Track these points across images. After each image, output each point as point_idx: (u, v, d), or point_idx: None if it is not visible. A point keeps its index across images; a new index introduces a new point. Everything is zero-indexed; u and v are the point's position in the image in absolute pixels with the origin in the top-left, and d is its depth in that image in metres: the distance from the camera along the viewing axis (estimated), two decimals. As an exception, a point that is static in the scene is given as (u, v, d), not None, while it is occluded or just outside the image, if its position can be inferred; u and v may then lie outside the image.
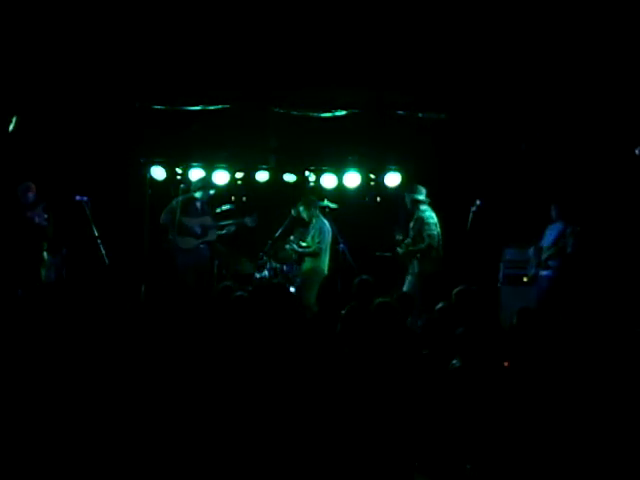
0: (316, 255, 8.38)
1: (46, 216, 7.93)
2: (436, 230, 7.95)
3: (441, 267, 7.89)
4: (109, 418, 3.57)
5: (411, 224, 8.09)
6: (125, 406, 3.66)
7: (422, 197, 8.04)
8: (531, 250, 7.92)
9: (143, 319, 5.21)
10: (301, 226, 8.65)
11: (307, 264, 8.45)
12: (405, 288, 7.90)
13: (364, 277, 7.07)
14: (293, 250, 8.51)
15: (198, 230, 8.45)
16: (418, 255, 7.88)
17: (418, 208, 8.02)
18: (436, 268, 7.86)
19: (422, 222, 7.93)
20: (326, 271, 8.43)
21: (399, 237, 8.12)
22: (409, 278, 8.01)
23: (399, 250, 8.11)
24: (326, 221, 8.51)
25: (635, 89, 7.67)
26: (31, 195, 7.99)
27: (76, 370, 3.92)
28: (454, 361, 4.25)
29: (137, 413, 3.62)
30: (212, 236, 8.49)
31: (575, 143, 8.38)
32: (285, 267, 8.64)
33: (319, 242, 8.36)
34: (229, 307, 5.16)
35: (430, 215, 7.98)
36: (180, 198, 8.49)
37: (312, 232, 8.44)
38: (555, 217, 7.80)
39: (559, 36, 7.36)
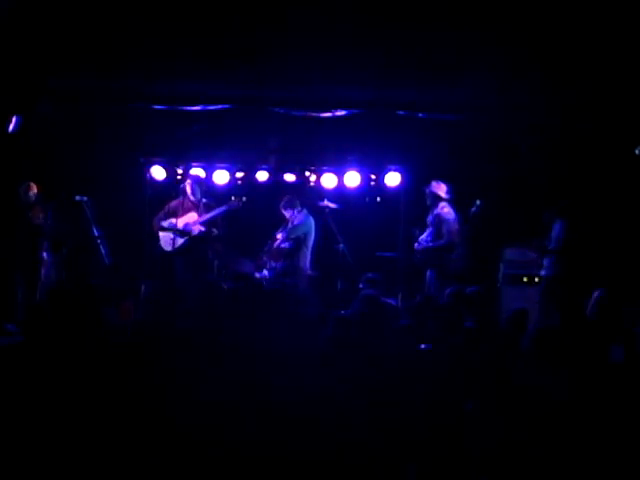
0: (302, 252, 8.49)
1: (42, 215, 7.94)
2: (455, 227, 7.95)
3: (470, 264, 7.90)
4: (108, 418, 3.58)
5: (429, 218, 8.10)
6: (125, 407, 3.67)
7: (443, 193, 8.06)
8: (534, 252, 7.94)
9: (142, 319, 5.22)
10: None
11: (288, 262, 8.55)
12: (428, 286, 7.91)
13: (370, 275, 7.11)
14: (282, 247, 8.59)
15: (180, 227, 8.41)
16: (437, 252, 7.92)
17: (437, 205, 8.04)
18: (458, 265, 7.86)
19: (441, 219, 7.94)
20: (307, 269, 8.51)
21: (417, 233, 8.14)
22: (429, 275, 8.00)
23: (416, 246, 8.12)
24: (304, 218, 8.57)
25: (635, 89, 7.66)
26: (32, 195, 8.00)
27: (75, 370, 3.92)
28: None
29: (137, 413, 3.63)
30: (195, 231, 8.42)
31: (575, 143, 8.37)
32: (278, 265, 8.67)
33: (292, 236, 8.47)
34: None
35: (449, 212, 7.99)
36: (173, 203, 8.50)
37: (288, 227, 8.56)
38: (547, 220, 7.79)
39: (559, 34, 7.35)
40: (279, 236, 8.65)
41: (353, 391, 3.74)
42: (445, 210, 7.99)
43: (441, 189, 8.08)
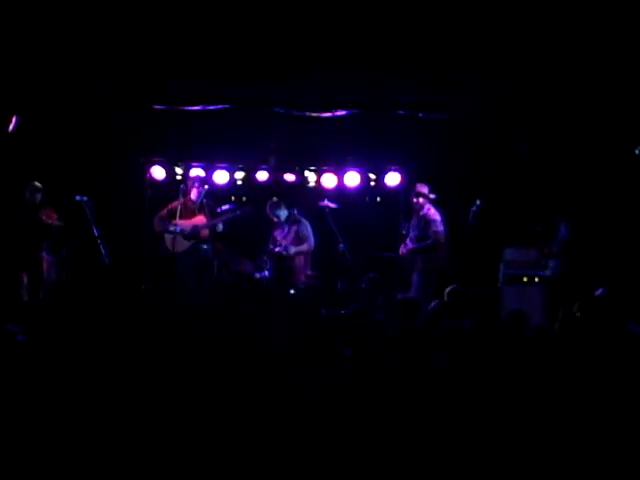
0: (300, 255, 8.51)
1: (55, 216, 7.94)
2: (441, 228, 8.00)
3: (447, 264, 7.95)
4: (108, 419, 3.58)
5: (413, 221, 8.15)
6: (125, 406, 3.67)
7: (427, 194, 8.10)
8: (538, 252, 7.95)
9: (143, 319, 5.22)
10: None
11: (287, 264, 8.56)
12: (413, 288, 7.95)
13: (371, 275, 7.11)
14: (293, 254, 8.56)
15: (186, 231, 8.42)
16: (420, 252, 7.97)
17: (422, 206, 8.08)
18: (443, 265, 7.91)
19: (427, 220, 7.99)
20: (304, 268, 8.54)
21: (405, 233, 8.20)
22: (415, 277, 8.05)
23: (402, 249, 8.18)
24: (305, 222, 8.59)
25: (635, 89, 7.67)
26: (39, 195, 8.00)
27: (76, 370, 3.93)
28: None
29: (137, 413, 3.63)
30: (204, 233, 8.48)
31: (575, 143, 8.38)
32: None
33: (308, 240, 8.47)
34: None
35: (435, 213, 8.04)
36: (174, 204, 8.50)
37: (294, 234, 8.53)
38: (556, 220, 7.83)
39: (560, 35, 7.36)
40: (286, 241, 8.60)
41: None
42: (431, 211, 8.07)
43: (425, 190, 8.15)
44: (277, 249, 8.56)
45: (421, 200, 8.10)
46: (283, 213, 8.66)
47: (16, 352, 4.19)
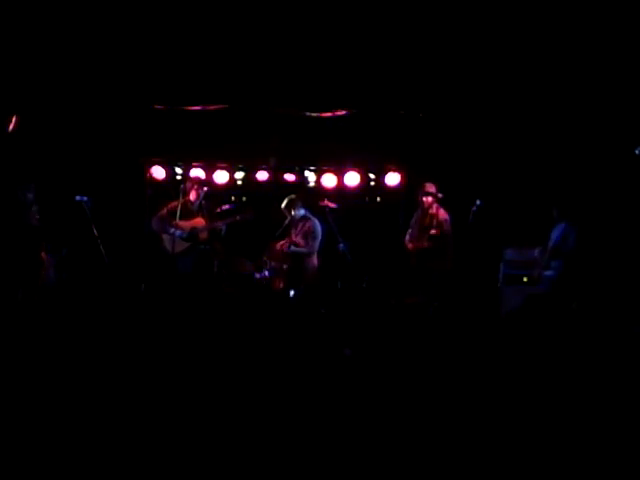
0: (311, 255, 8.47)
1: (38, 217, 7.93)
2: (449, 227, 8.05)
3: (452, 264, 7.98)
4: (109, 417, 3.58)
5: (415, 217, 8.17)
6: (125, 404, 3.67)
7: (436, 194, 8.13)
8: (536, 251, 7.94)
9: (143, 318, 5.23)
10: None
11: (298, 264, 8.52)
12: (421, 288, 7.96)
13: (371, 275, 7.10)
14: (291, 251, 8.52)
15: (185, 234, 8.40)
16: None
17: (430, 205, 8.11)
18: (447, 265, 7.94)
19: (439, 220, 8.03)
20: (316, 270, 8.52)
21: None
22: (421, 277, 8.06)
23: (410, 247, 8.20)
24: (316, 221, 8.56)
25: (635, 89, 7.68)
26: (31, 195, 7.99)
27: (76, 369, 3.93)
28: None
29: (137, 411, 3.63)
30: (202, 235, 8.48)
31: (575, 143, 8.39)
32: (285, 266, 8.64)
33: (313, 242, 8.45)
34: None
35: (444, 212, 8.08)
36: (174, 204, 8.48)
37: (304, 232, 8.49)
38: (557, 218, 7.84)
39: (560, 36, 7.37)
40: (296, 239, 8.57)
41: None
42: (441, 211, 8.09)
43: (434, 189, 8.17)
44: (285, 246, 8.54)
45: (430, 199, 8.13)
46: (299, 212, 8.63)
47: (17, 352, 4.19)
